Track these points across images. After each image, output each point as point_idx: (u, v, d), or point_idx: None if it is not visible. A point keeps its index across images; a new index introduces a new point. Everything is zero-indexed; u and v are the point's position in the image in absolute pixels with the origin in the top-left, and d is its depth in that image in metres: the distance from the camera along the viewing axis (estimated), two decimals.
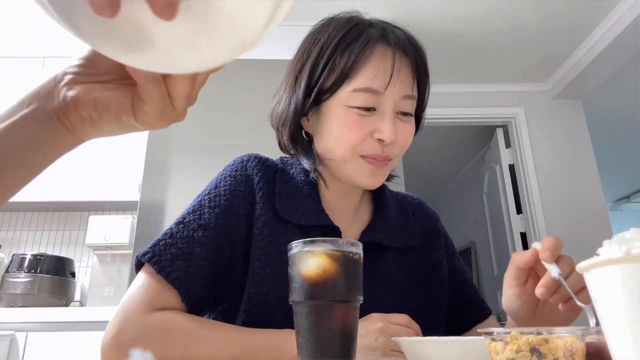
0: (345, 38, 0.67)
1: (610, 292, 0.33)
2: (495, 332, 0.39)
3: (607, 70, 2.86)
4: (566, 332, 0.38)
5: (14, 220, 2.69)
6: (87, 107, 0.37)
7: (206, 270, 0.62)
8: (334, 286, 0.44)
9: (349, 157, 0.67)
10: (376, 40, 0.66)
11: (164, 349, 0.56)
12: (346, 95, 0.65)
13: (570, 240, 3.06)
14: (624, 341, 0.32)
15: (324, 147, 0.70)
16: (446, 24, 2.61)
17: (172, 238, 0.63)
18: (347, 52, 0.65)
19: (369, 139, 0.66)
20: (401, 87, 0.66)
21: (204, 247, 0.63)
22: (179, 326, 0.58)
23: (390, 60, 0.65)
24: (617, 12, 2.47)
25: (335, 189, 0.75)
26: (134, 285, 0.62)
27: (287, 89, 0.73)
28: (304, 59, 0.71)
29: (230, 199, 0.67)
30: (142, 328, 0.57)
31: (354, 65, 0.65)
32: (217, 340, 0.58)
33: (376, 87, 0.65)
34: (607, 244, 0.34)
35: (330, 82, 0.66)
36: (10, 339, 1.81)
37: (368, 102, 0.65)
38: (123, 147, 2.51)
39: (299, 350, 0.44)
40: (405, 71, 0.67)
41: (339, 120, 0.66)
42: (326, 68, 0.66)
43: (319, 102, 0.68)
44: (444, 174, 4.65)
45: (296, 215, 0.68)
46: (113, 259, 2.31)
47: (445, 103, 3.19)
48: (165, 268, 0.60)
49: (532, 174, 3.05)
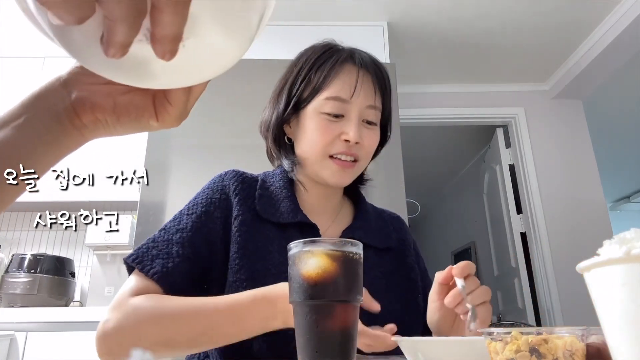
0: (320, 59, 0.80)
1: (610, 292, 0.33)
2: (495, 332, 0.39)
3: (607, 70, 2.86)
4: (566, 332, 0.38)
5: (14, 220, 2.69)
6: (105, 110, 0.38)
7: (183, 266, 0.69)
8: (334, 286, 0.44)
9: (320, 157, 0.78)
10: (344, 60, 0.80)
11: (142, 325, 0.62)
12: (319, 103, 0.78)
13: (570, 240, 3.09)
14: (624, 341, 0.32)
15: (301, 149, 0.81)
16: (446, 24, 2.61)
17: (154, 242, 0.71)
18: (321, 69, 0.79)
19: (337, 141, 0.77)
20: (365, 97, 0.79)
21: (181, 246, 0.70)
22: (154, 302, 0.64)
23: (355, 75, 0.78)
24: (617, 12, 2.47)
25: (314, 192, 0.84)
26: (122, 287, 0.69)
27: (272, 101, 0.86)
28: (286, 77, 0.84)
29: (206, 206, 0.76)
30: (122, 312, 0.63)
31: (325, 79, 0.78)
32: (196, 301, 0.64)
33: (343, 96, 0.77)
34: (607, 244, 0.34)
35: (306, 93, 0.79)
36: (10, 339, 1.81)
37: (337, 109, 0.77)
38: (123, 147, 2.52)
39: (299, 350, 0.44)
40: (368, 85, 0.79)
41: (312, 124, 0.78)
42: (304, 82, 0.80)
43: (298, 109, 0.81)
44: (444, 174, 4.65)
45: (275, 215, 0.77)
46: (113, 259, 2.31)
47: (445, 103, 3.20)
48: (146, 266, 0.68)
49: (532, 174, 3.05)
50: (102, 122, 0.39)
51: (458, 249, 4.49)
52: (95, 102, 0.38)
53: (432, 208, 5.20)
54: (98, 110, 0.38)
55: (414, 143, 3.64)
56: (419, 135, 3.59)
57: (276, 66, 2.42)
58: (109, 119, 0.39)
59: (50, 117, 0.37)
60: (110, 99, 0.38)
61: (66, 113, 0.38)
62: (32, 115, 0.37)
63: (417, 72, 3.04)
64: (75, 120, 0.38)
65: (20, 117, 0.37)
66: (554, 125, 3.17)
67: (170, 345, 0.63)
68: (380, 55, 2.41)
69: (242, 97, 2.05)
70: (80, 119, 0.38)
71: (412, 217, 2.22)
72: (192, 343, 0.63)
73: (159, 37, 0.29)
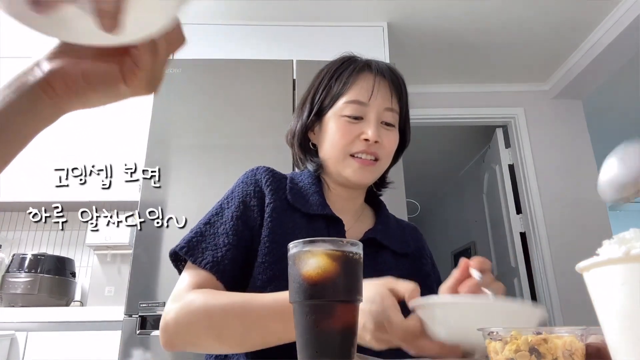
0: (339, 69, 0.87)
1: (610, 292, 0.33)
2: (494, 332, 0.39)
3: (607, 70, 2.86)
4: (565, 332, 0.38)
5: (14, 220, 2.69)
6: (74, 77, 0.39)
7: (232, 254, 0.75)
8: (334, 286, 0.44)
9: (341, 156, 0.83)
10: (361, 68, 0.86)
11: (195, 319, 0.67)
12: (340, 107, 0.84)
13: (570, 240, 3.08)
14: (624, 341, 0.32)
15: (324, 151, 0.87)
16: (446, 24, 2.61)
17: (202, 236, 0.77)
18: (340, 78, 0.86)
19: (356, 141, 0.82)
20: (382, 100, 0.84)
21: (227, 236, 0.76)
22: (207, 297, 0.68)
23: (372, 81, 0.84)
24: (617, 12, 2.47)
25: (338, 193, 0.89)
26: (179, 280, 0.74)
27: (297, 112, 0.93)
28: (309, 89, 0.91)
29: (242, 197, 0.82)
30: (180, 305, 0.68)
31: (344, 85, 0.84)
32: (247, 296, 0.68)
33: (362, 99, 0.83)
34: (606, 244, 0.34)
35: (327, 100, 0.86)
36: (11, 339, 1.81)
37: (356, 111, 0.83)
38: (123, 147, 2.52)
39: (299, 351, 0.44)
40: (385, 89, 0.85)
41: (333, 127, 0.84)
42: (325, 90, 0.87)
43: (320, 116, 0.87)
44: (444, 174, 4.65)
45: (305, 206, 0.82)
46: (113, 259, 2.31)
47: (445, 103, 3.20)
48: (198, 258, 0.73)
49: (532, 174, 3.05)
50: (74, 91, 0.40)
51: (458, 249, 4.48)
52: (65, 70, 0.39)
53: (432, 208, 5.20)
54: (68, 77, 0.39)
55: (414, 143, 3.61)
56: (419, 135, 3.57)
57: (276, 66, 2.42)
58: (80, 87, 0.40)
59: (24, 87, 0.39)
60: (78, 67, 0.40)
61: (40, 85, 0.39)
62: (9, 92, 0.39)
63: (417, 72, 3.04)
64: (49, 90, 0.40)
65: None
66: (553, 125, 3.17)
67: (221, 340, 0.66)
68: (380, 55, 2.41)
69: (242, 97, 2.05)
70: (53, 89, 0.40)
71: (412, 217, 2.22)
72: (243, 339, 0.65)
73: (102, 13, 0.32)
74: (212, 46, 2.40)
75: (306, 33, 2.47)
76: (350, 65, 0.87)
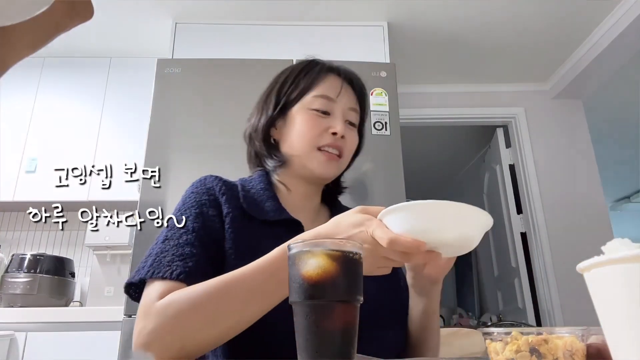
0: (306, 67, 0.90)
1: (610, 292, 0.33)
2: (495, 332, 0.39)
3: (608, 70, 2.86)
4: (566, 333, 0.38)
5: (14, 220, 2.69)
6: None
7: (202, 264, 0.69)
8: (334, 286, 0.44)
9: (309, 149, 0.84)
10: (328, 69, 0.89)
11: (182, 316, 0.60)
12: (308, 100, 0.86)
13: (570, 240, 3.08)
14: (625, 341, 0.32)
15: (289, 145, 0.87)
16: (446, 24, 2.61)
17: (163, 252, 0.69)
18: (309, 74, 0.88)
19: (324, 134, 0.84)
20: (348, 99, 0.88)
21: (192, 246, 0.70)
22: (184, 292, 0.62)
23: (339, 81, 0.88)
24: (618, 11, 2.47)
25: (297, 190, 0.89)
26: (144, 296, 0.65)
27: (258, 108, 0.92)
28: (272, 85, 0.92)
29: (199, 207, 0.77)
30: (155, 314, 0.60)
31: (313, 81, 0.87)
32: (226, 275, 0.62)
33: (331, 95, 0.86)
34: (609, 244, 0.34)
35: (294, 94, 0.87)
36: (10, 339, 1.81)
37: (324, 106, 0.85)
38: (123, 147, 2.52)
39: (299, 351, 0.44)
40: (349, 91, 0.89)
41: (302, 119, 0.85)
42: (292, 85, 0.88)
43: (286, 111, 0.88)
44: (444, 174, 4.65)
45: (261, 213, 0.80)
46: (113, 259, 2.31)
47: (445, 103, 3.19)
48: (167, 272, 0.65)
49: (532, 174, 3.05)
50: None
51: None
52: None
53: None
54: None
55: (414, 143, 3.64)
56: (419, 135, 3.59)
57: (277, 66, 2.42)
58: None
59: None
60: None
61: None
62: None
63: (417, 72, 3.04)
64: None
65: None
66: (554, 125, 3.17)
67: (217, 324, 0.60)
68: (380, 55, 2.41)
69: (243, 97, 2.04)
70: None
71: None
72: (242, 313, 0.60)
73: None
74: (212, 46, 2.40)
75: (306, 33, 2.47)
76: (317, 65, 0.90)
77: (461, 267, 4.43)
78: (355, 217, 0.59)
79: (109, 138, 2.56)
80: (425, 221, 0.53)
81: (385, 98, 2.02)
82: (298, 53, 2.33)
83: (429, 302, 0.76)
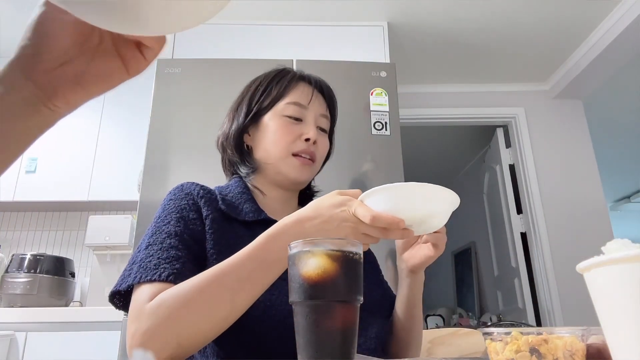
0: (278, 75, 0.92)
1: (610, 292, 0.33)
2: (495, 333, 0.39)
3: (608, 70, 2.86)
4: (566, 333, 0.38)
5: (14, 220, 2.69)
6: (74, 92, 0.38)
7: (189, 265, 0.68)
8: (334, 286, 0.44)
9: (283, 155, 0.86)
10: (299, 77, 0.92)
11: (176, 313, 0.59)
12: (281, 107, 0.88)
13: (570, 240, 3.08)
14: (625, 341, 0.32)
15: (263, 151, 0.89)
16: (446, 24, 2.61)
17: (148, 257, 0.68)
18: (281, 82, 0.91)
19: (298, 140, 0.87)
20: (319, 106, 0.91)
21: (177, 249, 0.70)
22: (174, 290, 0.61)
23: (310, 89, 0.91)
24: (618, 12, 2.47)
25: (273, 196, 0.91)
26: (133, 300, 0.64)
27: (230, 115, 0.95)
28: (244, 93, 0.94)
29: (179, 212, 0.77)
30: (147, 316, 0.60)
31: (286, 88, 0.90)
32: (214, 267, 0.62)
33: (303, 102, 0.89)
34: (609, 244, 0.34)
35: (267, 101, 0.90)
36: (10, 339, 1.81)
37: (297, 113, 0.88)
38: (123, 147, 2.52)
39: (299, 351, 0.44)
40: (320, 98, 0.93)
41: (274, 126, 0.87)
42: (264, 93, 0.90)
43: (258, 118, 0.90)
44: (444, 174, 4.65)
45: (240, 214, 0.81)
46: (113, 259, 2.31)
47: (445, 103, 3.20)
48: (154, 275, 0.64)
49: (532, 174, 3.05)
50: (73, 101, 0.39)
51: (458, 249, 4.48)
52: (64, 90, 0.38)
53: None
54: (69, 94, 0.38)
55: (414, 143, 3.64)
56: (419, 135, 3.59)
57: None
58: (79, 97, 0.39)
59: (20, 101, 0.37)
60: (76, 79, 0.38)
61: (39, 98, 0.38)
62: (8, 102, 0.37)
63: (417, 72, 3.04)
64: (48, 103, 0.38)
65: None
66: (554, 125, 3.17)
67: (211, 317, 0.59)
68: (380, 55, 2.41)
69: None
70: (53, 103, 0.38)
71: None
72: (232, 305, 0.60)
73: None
74: (212, 46, 2.40)
75: (306, 33, 2.47)
76: (288, 73, 0.93)
77: (461, 267, 4.43)
78: (336, 198, 0.63)
79: (109, 138, 2.56)
80: (399, 200, 0.59)
81: (385, 98, 2.02)
82: (298, 53, 2.34)
83: (410, 292, 0.81)
